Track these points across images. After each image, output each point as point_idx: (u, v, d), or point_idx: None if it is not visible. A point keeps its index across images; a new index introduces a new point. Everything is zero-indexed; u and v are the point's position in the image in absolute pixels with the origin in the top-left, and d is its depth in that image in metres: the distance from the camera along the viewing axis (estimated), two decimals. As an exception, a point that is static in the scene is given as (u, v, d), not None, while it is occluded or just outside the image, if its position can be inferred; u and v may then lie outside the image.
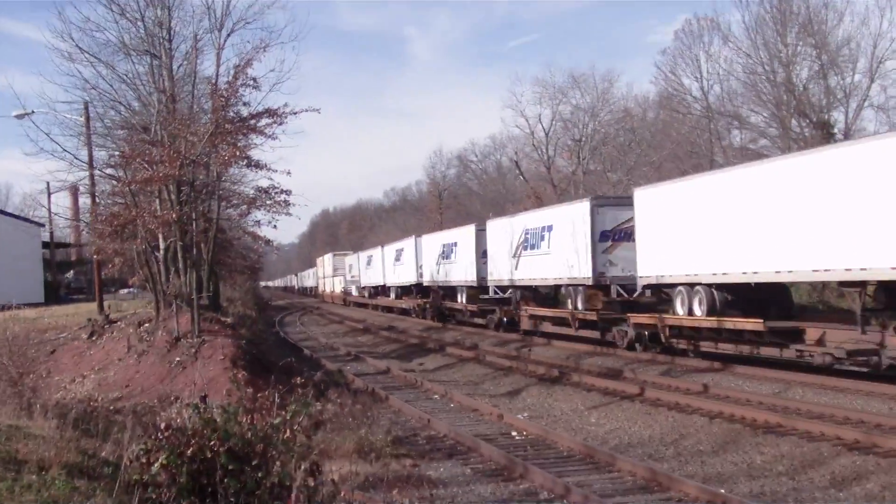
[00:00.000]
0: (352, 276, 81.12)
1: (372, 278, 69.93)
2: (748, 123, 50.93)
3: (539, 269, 35.47)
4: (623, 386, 22.10)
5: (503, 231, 39.43)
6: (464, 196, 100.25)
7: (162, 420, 9.59)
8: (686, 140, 54.53)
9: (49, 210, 41.27)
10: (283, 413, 8.80)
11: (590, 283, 30.94)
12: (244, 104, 24.88)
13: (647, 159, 59.38)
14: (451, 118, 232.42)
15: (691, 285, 25.56)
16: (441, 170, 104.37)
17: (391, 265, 62.09)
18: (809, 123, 45.28)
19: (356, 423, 17.32)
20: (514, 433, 17.45)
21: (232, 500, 8.09)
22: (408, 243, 57.39)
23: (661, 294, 28.66)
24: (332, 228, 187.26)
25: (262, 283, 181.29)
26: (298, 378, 10.22)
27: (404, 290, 58.82)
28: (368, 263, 71.79)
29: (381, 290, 67.49)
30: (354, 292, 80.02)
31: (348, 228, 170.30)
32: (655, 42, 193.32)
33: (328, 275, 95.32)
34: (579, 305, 31.88)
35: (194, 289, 25.43)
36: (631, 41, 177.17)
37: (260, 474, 8.23)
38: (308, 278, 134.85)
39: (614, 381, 23.18)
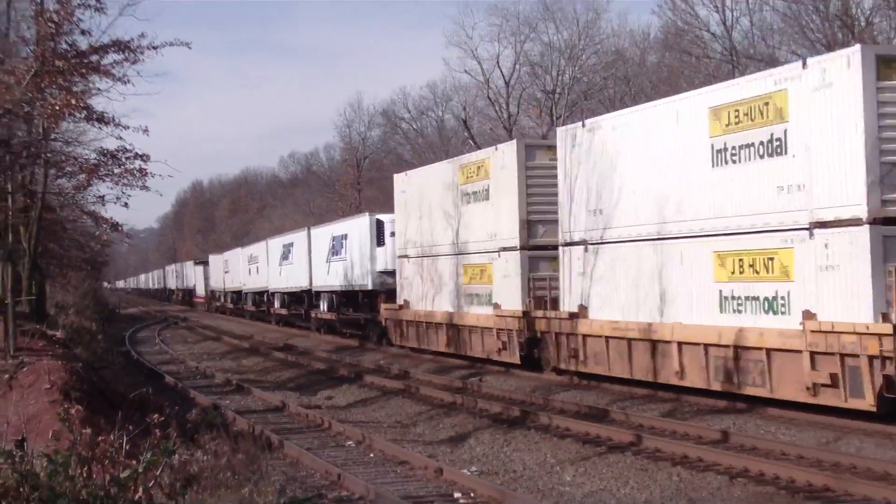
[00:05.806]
0: None
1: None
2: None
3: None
4: (610, 431, 22.21)
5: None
6: (392, 167, 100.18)
7: (-42, 474, 9.39)
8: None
9: None
10: (135, 464, 8.71)
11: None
12: (83, 33, 24.79)
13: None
14: (375, 59, 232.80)
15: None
16: (360, 130, 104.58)
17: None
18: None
19: (237, 479, 17.23)
20: (457, 495, 17.38)
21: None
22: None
23: None
24: (207, 209, 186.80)
25: (108, 285, 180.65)
26: (157, 416, 10.15)
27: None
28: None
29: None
30: None
31: (230, 209, 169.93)
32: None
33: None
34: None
35: (9, 290, 25.08)
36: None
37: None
38: (251, 265, 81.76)
39: (598, 424, 23.32)
